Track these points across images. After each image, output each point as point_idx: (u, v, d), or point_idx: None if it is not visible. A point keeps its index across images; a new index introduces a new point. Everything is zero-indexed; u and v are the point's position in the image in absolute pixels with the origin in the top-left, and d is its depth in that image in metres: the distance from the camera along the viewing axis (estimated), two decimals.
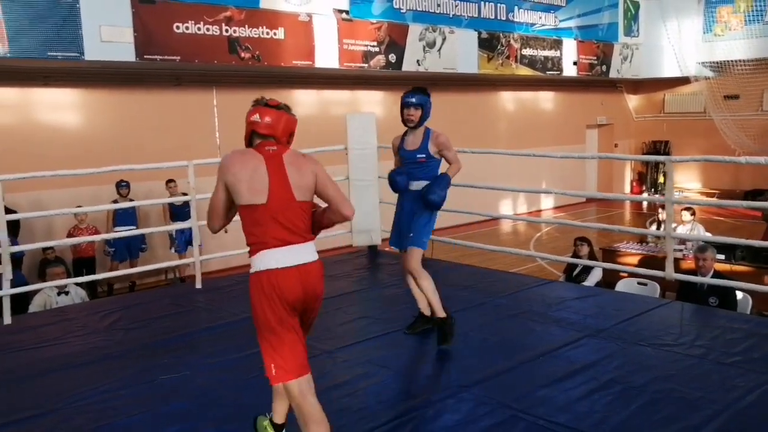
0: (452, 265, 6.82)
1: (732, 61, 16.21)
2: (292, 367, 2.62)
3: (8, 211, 7.55)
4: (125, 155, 8.95)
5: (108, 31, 8.77)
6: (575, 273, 7.18)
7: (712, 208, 14.27)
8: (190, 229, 9.73)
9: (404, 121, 4.39)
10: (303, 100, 12.10)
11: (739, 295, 5.59)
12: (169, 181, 9.68)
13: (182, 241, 9.91)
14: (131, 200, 9.33)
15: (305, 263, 2.66)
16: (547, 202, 16.98)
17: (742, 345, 4.11)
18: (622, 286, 6.15)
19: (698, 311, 5.04)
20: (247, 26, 9.92)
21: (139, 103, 10.43)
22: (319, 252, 2.83)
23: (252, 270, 2.67)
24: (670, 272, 5.25)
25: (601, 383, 3.58)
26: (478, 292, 5.53)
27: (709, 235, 8.72)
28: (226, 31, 9.76)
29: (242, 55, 9.93)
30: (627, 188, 19.42)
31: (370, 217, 6.81)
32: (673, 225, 10.27)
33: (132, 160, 7.84)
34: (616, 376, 3.67)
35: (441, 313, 4.18)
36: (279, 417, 2.95)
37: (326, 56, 10.67)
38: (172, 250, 10.07)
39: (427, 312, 4.36)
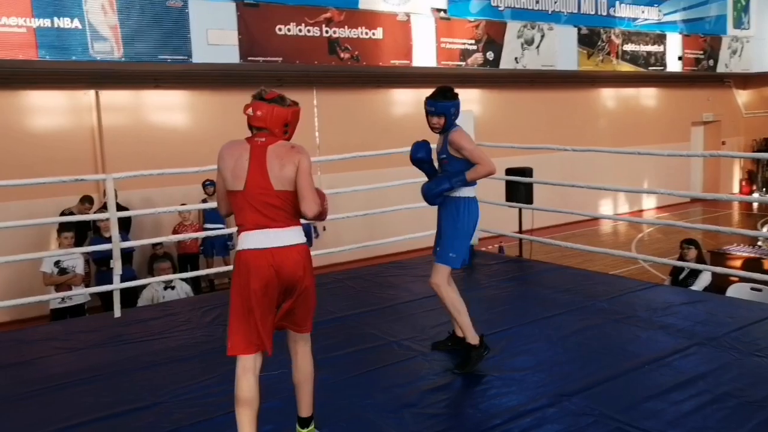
0: (551, 266, 6.67)
1: None
2: (240, 343, 2.79)
3: (120, 208, 8.07)
4: None
5: (214, 34, 9.10)
6: (682, 276, 6.86)
7: None
8: (306, 224, 10.15)
9: (430, 127, 4.00)
10: (400, 100, 12.18)
11: None
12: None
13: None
14: None
15: (279, 246, 2.76)
16: (649, 202, 16.35)
17: None
18: (733, 291, 5.84)
19: None
20: (346, 27, 10.07)
21: (243, 104, 10.73)
22: (411, 251, 2.91)
23: (236, 249, 2.87)
24: None
25: (714, 396, 3.40)
26: (578, 294, 5.38)
27: None
28: (326, 32, 9.93)
29: (341, 55, 10.08)
30: (735, 188, 18.41)
31: None
32: None
33: None
34: (731, 389, 3.47)
35: (473, 339, 3.86)
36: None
37: (424, 55, 10.70)
38: None
39: (460, 333, 3.99)
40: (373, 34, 10.26)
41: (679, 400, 3.37)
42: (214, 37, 9.13)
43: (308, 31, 9.79)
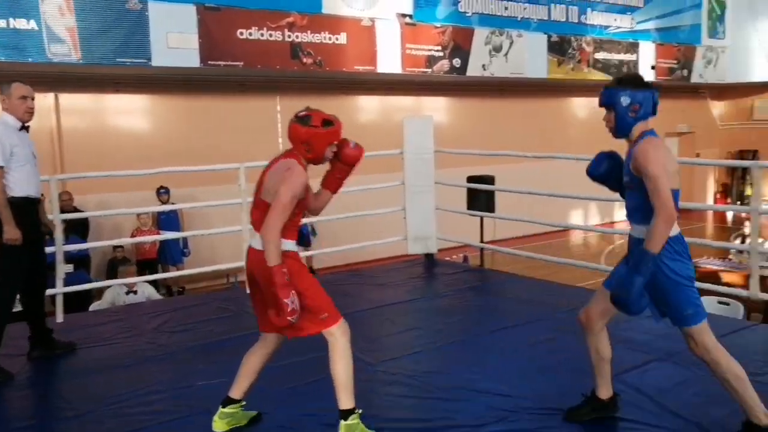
0: (512, 276, 6.51)
1: None
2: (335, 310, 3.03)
3: (75, 211, 7.71)
4: (190, 160, 9.01)
5: (174, 37, 8.91)
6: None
7: None
8: (304, 225, 9.99)
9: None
10: (365, 106, 12.00)
11: None
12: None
13: None
14: (173, 203, 9.40)
15: (253, 247, 2.97)
16: (621, 214, 16.20)
17: None
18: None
19: None
20: (309, 32, 9.86)
21: (205, 109, 10.55)
22: (372, 260, 2.71)
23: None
24: (755, 291, 4.73)
25: (672, 413, 3.18)
26: (537, 305, 5.16)
27: None
28: (289, 36, 9.73)
29: (304, 60, 9.86)
30: (710, 200, 18.39)
31: (425, 224, 6.55)
32: (760, 239, 9.60)
33: (198, 165, 7.87)
34: (692, 410, 3.23)
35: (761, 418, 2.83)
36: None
37: (389, 61, 10.50)
38: None
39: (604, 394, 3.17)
40: (337, 39, 10.04)
41: (634, 418, 3.16)
42: (174, 41, 8.93)
43: (270, 35, 9.57)
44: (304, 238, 10.11)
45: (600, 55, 13.42)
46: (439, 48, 10.99)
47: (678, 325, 2.90)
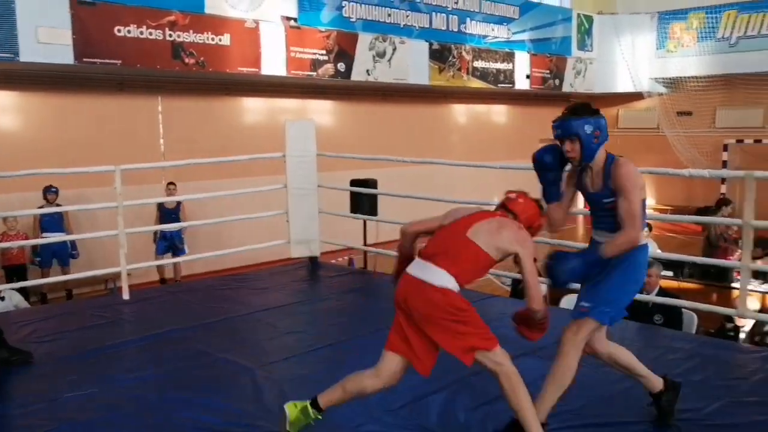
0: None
1: (685, 77, 16.45)
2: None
3: None
4: (65, 161, 8.57)
5: (45, 32, 8.43)
6: (520, 287, 7.00)
7: (667, 224, 14.30)
8: (176, 233, 9.70)
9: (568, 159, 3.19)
10: (250, 108, 11.84)
11: (686, 313, 5.48)
12: (169, 184, 9.76)
13: (163, 247, 9.88)
14: (58, 205, 8.96)
15: (419, 279, 3.00)
16: None
17: (682, 366, 3.97)
18: (566, 302, 5.99)
19: (642, 329, 4.91)
20: (191, 31, 9.62)
21: (82, 109, 10.06)
22: (255, 264, 2.70)
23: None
24: None
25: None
26: None
27: (659, 252, 8.69)
28: (170, 35, 9.45)
29: (186, 60, 9.62)
30: (580, 204, 19.46)
31: (308, 227, 6.59)
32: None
33: (73, 167, 7.49)
34: None
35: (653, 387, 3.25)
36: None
37: (273, 64, 10.42)
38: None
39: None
40: (220, 40, 9.86)
41: (501, 411, 3.29)
42: (45, 36, 8.45)
43: (150, 33, 9.26)
44: (175, 248, 9.92)
45: (479, 64, 13.92)
46: (324, 52, 11.04)
47: (582, 316, 3.11)
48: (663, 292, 5.61)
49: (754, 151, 16.36)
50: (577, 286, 3.26)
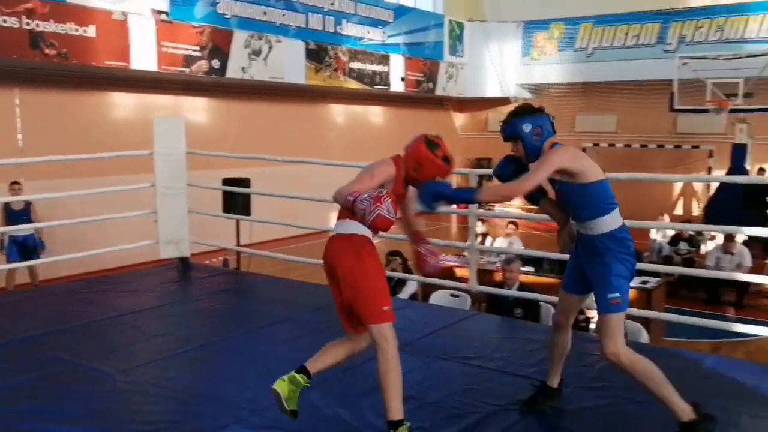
0: (266, 278, 6.58)
1: (547, 84, 17.43)
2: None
3: None
4: None
5: None
6: (391, 286, 7.15)
7: (531, 222, 15.04)
8: (28, 236, 8.93)
9: None
10: (120, 103, 11.31)
11: (544, 306, 5.82)
12: (13, 183, 8.90)
13: (13, 252, 8.93)
14: None
15: (334, 235, 3.32)
16: None
17: (538, 356, 4.21)
18: (435, 298, 6.20)
19: (503, 323, 5.14)
20: (52, 21, 9.10)
21: None
22: (123, 266, 2.57)
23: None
24: (474, 284, 5.36)
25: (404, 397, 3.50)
26: (287, 306, 5.31)
27: (522, 248, 9.18)
28: (27, 24, 8.89)
29: (46, 51, 9.08)
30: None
31: (178, 227, 6.40)
32: (490, 238, 10.85)
33: None
34: (415, 393, 3.57)
35: (686, 414, 2.97)
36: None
37: (143, 58, 10.04)
38: None
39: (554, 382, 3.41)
40: (85, 31, 9.37)
41: (365, 407, 3.40)
42: None
43: (4, 21, 8.67)
44: (30, 251, 9.24)
45: (355, 65, 14.09)
46: (198, 48, 10.77)
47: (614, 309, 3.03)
48: (523, 286, 5.94)
49: (608, 154, 17.59)
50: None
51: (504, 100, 18.01)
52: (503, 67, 17.57)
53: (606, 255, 3.04)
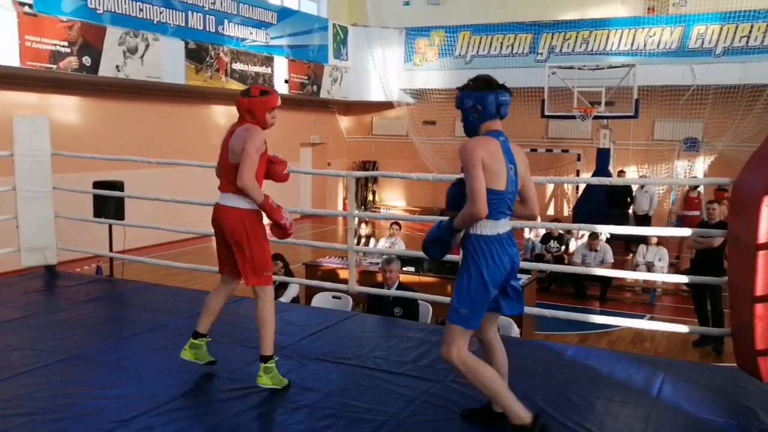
0: (140, 285, 6.34)
1: (429, 89, 17.85)
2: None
3: None
4: None
5: None
6: None
7: (416, 224, 15.34)
8: None
9: None
10: None
11: (423, 305, 5.95)
12: None
13: None
14: None
15: (220, 204, 3.68)
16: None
17: (413, 354, 4.31)
18: (317, 300, 6.20)
19: (382, 322, 5.22)
20: None
21: None
22: None
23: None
24: (352, 285, 5.41)
25: (272, 405, 3.48)
26: (160, 313, 5.15)
27: (403, 248, 9.35)
28: None
29: None
30: (340, 205, 20.21)
31: (43, 232, 6.04)
32: (373, 239, 10.96)
33: None
34: (290, 395, 3.59)
35: (519, 419, 2.98)
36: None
37: (4, 53, 9.35)
38: None
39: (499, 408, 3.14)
40: None
41: (236, 412, 3.38)
42: None
43: None
44: None
45: (237, 66, 13.82)
46: (66, 43, 10.17)
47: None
48: (402, 286, 6.05)
49: None
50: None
51: (387, 105, 18.29)
52: (386, 72, 17.82)
53: (465, 262, 3.03)
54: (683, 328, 5.11)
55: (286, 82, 15.37)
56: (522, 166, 3.09)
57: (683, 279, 6.22)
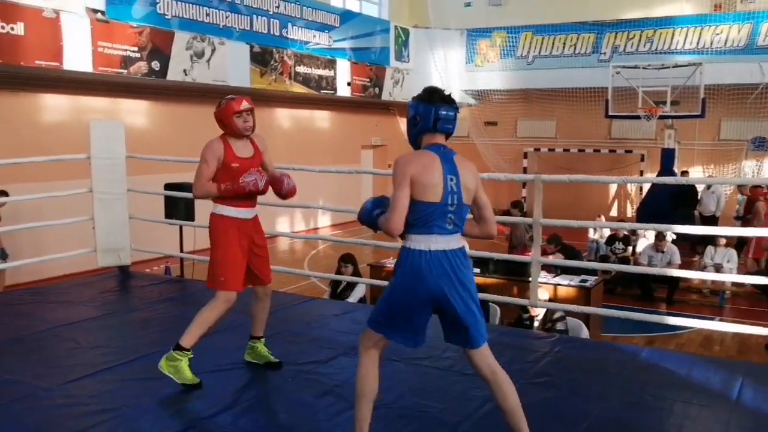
0: None
1: (490, 90, 17.69)
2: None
3: None
4: None
5: None
6: (339, 290, 7.15)
7: None
8: None
9: None
10: (52, 105, 10.83)
11: (491, 306, 5.85)
12: None
13: None
14: None
15: None
16: (324, 220, 17.06)
17: None
18: None
19: None
20: None
21: None
22: (59, 276, 2.46)
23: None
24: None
25: (351, 403, 3.45)
26: (234, 313, 5.17)
27: (469, 250, 9.22)
28: None
29: None
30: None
31: (117, 234, 6.18)
32: None
33: None
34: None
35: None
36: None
37: (77, 58, 9.64)
38: None
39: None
40: (12, 29, 8.90)
41: (318, 410, 3.42)
42: None
43: None
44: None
45: (301, 69, 13.97)
46: (136, 49, 10.46)
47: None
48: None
49: (548, 158, 17.98)
50: None
51: None
52: (448, 73, 17.75)
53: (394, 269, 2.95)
54: (761, 330, 4.82)
55: (349, 84, 15.44)
56: (469, 178, 2.89)
57: (756, 280, 5.97)
